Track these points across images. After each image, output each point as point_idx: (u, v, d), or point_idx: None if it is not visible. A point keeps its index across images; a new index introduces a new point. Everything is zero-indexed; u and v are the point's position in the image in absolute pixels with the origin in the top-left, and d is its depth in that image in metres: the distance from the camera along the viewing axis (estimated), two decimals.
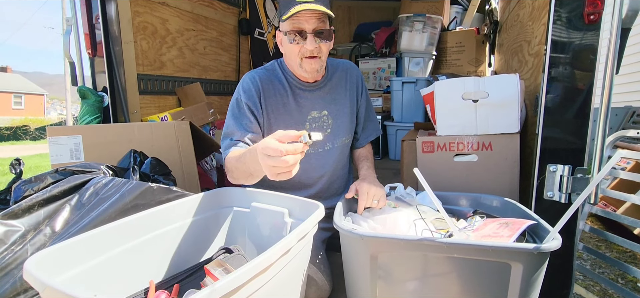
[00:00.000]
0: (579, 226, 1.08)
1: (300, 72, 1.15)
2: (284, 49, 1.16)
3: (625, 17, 0.94)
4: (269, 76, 1.19)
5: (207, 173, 2.13)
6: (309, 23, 1.06)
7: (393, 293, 0.83)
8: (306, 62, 1.11)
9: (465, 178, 1.32)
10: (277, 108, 1.18)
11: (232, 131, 1.12)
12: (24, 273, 0.59)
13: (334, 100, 1.25)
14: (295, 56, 1.11)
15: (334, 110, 1.25)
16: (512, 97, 1.24)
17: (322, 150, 1.24)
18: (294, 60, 1.12)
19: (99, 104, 1.78)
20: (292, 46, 1.10)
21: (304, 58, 1.11)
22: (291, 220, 0.96)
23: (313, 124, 1.22)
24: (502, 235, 0.81)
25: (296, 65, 1.13)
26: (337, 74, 1.28)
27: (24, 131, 15.47)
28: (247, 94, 1.15)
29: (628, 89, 4.97)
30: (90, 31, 1.80)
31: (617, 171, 1.87)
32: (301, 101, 1.21)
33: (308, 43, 1.07)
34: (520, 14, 1.92)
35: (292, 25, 1.07)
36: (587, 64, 1.02)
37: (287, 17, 1.05)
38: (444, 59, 3.18)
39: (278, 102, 1.18)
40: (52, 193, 0.93)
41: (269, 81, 1.19)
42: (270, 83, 1.18)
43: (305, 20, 1.06)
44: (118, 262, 0.78)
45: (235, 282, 0.58)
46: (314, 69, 1.13)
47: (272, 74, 1.21)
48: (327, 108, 1.23)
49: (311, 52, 1.09)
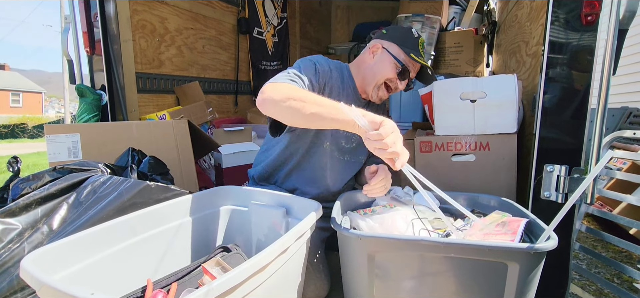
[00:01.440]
0: (575, 226, 1.08)
1: (371, 91, 1.20)
2: (375, 61, 1.19)
3: (623, 18, 0.94)
4: (339, 68, 1.23)
5: (206, 171, 2.13)
6: (414, 72, 1.20)
7: (390, 292, 0.83)
8: (383, 90, 1.19)
9: (463, 177, 1.32)
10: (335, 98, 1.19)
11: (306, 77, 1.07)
12: (20, 271, 0.59)
13: None
14: (382, 77, 1.17)
15: None
16: (510, 98, 1.25)
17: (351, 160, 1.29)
18: (378, 78, 1.17)
19: (97, 102, 1.77)
20: (390, 69, 1.16)
21: (383, 85, 1.18)
22: (289, 219, 0.96)
23: None
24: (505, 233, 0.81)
25: (373, 82, 1.18)
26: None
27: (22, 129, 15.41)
28: (321, 66, 1.14)
29: (625, 90, 4.99)
30: (88, 29, 1.79)
31: (613, 172, 1.88)
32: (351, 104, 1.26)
33: (402, 85, 1.18)
34: (518, 14, 1.93)
35: (407, 61, 1.16)
36: (585, 65, 1.03)
37: (413, 56, 1.14)
38: (443, 59, 3.18)
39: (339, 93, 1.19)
40: (50, 191, 0.93)
41: (339, 73, 1.22)
42: (339, 74, 1.21)
43: (414, 69, 1.19)
44: (115, 260, 0.78)
45: (233, 280, 0.58)
46: (381, 99, 1.23)
47: (341, 69, 1.24)
48: None
49: (394, 88, 1.19)
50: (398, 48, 1.16)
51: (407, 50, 1.14)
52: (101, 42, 1.74)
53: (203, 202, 1.01)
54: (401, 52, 1.15)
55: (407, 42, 1.16)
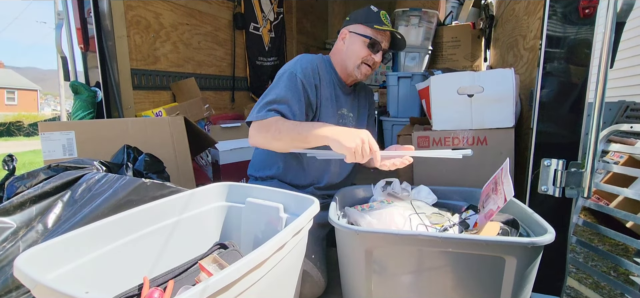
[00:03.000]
0: (572, 219, 1.09)
1: (353, 72, 1.26)
2: (346, 46, 1.27)
3: (620, 11, 0.94)
4: (324, 65, 1.28)
5: (202, 168, 2.12)
6: (386, 43, 1.25)
7: (388, 287, 0.83)
8: (364, 67, 1.25)
9: (460, 172, 1.32)
10: (327, 96, 1.26)
11: (288, 99, 1.13)
12: (14, 270, 0.58)
13: (357, 106, 1.40)
14: (358, 58, 1.23)
15: (356, 114, 1.38)
16: (507, 92, 1.24)
17: None
18: (354, 60, 1.24)
19: (92, 99, 1.75)
20: (362, 49, 1.23)
21: (364, 63, 1.24)
22: (286, 215, 0.95)
23: (340, 120, 1.31)
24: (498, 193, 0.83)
25: (353, 65, 1.25)
26: (359, 88, 1.43)
27: (17, 127, 15.28)
28: (305, 74, 1.19)
29: (622, 84, 5.00)
30: (82, 25, 1.77)
31: (610, 165, 1.88)
32: (338, 96, 1.31)
33: (378, 56, 1.24)
34: (515, 8, 1.92)
35: (375, 35, 1.22)
36: (582, 59, 1.02)
37: (377, 28, 1.20)
38: (440, 53, 3.17)
39: (329, 91, 1.27)
40: (45, 189, 0.92)
41: (326, 70, 1.28)
42: (326, 72, 1.27)
43: (385, 39, 1.25)
44: (111, 258, 0.77)
45: (230, 277, 0.57)
46: (365, 75, 1.27)
47: (325, 62, 1.30)
48: (352, 111, 1.36)
49: (373, 64, 1.24)
50: (363, 26, 1.23)
51: (370, 24, 1.21)
52: (95, 38, 1.72)
53: (200, 199, 1.00)
54: (367, 29, 1.23)
55: (369, 18, 1.23)
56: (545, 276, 1.06)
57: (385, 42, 1.25)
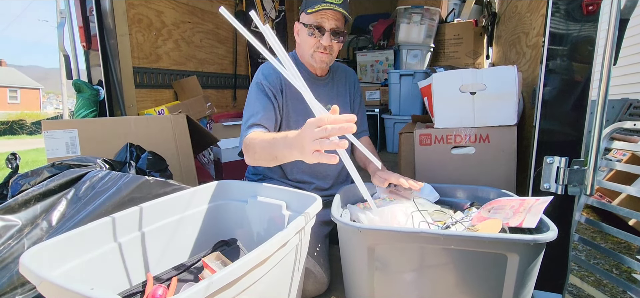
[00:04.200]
0: (575, 217, 1.08)
1: (311, 62, 1.26)
2: (299, 39, 1.27)
3: (624, 7, 0.93)
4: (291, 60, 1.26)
5: (205, 166, 2.13)
6: (329, 22, 1.18)
7: (390, 284, 0.83)
8: (317, 54, 1.22)
9: (462, 170, 1.32)
10: (295, 95, 1.25)
11: (254, 111, 1.16)
12: (20, 267, 0.59)
13: (336, 95, 1.36)
14: (310, 47, 1.22)
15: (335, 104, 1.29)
16: (510, 90, 1.24)
17: None
18: (308, 51, 1.23)
19: (94, 97, 1.76)
20: (309, 38, 1.21)
21: (317, 51, 1.22)
22: (289, 212, 0.96)
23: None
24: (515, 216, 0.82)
25: (308, 55, 1.24)
26: (339, 74, 1.40)
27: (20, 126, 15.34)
28: (269, 79, 1.21)
29: (625, 81, 4.97)
30: (84, 24, 1.78)
31: (613, 163, 1.88)
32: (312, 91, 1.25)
33: (324, 39, 1.19)
34: (518, 5, 1.91)
35: (314, 20, 1.18)
36: (585, 56, 1.02)
37: (311, 12, 1.16)
38: (442, 51, 3.16)
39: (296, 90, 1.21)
40: (49, 187, 0.92)
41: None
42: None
43: (326, 19, 1.18)
44: (115, 255, 0.78)
45: (233, 274, 0.58)
46: (323, 62, 1.24)
47: (294, 59, 1.29)
48: (331, 102, 1.31)
49: (325, 48, 1.20)
50: (304, 14, 1.22)
51: (310, 11, 1.18)
52: (97, 36, 1.72)
53: (202, 197, 1.01)
54: (306, 16, 1.21)
55: (308, 4, 1.20)
56: (547, 273, 1.06)
57: (328, 22, 1.18)
